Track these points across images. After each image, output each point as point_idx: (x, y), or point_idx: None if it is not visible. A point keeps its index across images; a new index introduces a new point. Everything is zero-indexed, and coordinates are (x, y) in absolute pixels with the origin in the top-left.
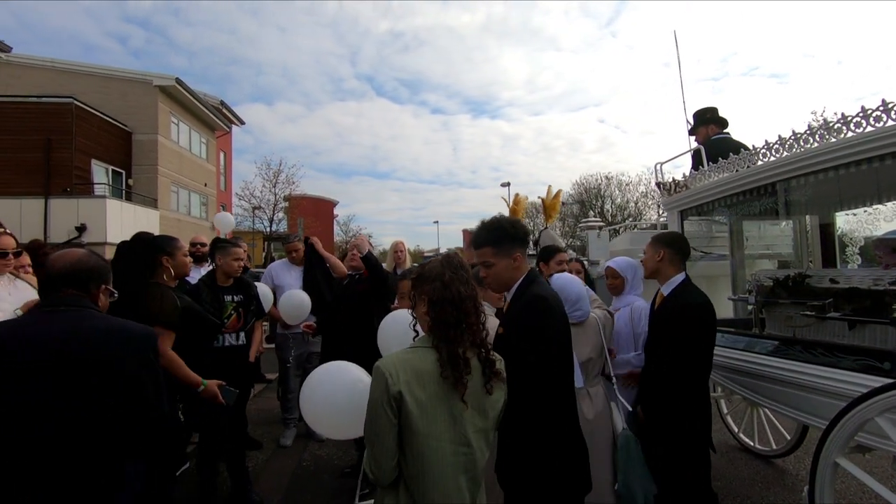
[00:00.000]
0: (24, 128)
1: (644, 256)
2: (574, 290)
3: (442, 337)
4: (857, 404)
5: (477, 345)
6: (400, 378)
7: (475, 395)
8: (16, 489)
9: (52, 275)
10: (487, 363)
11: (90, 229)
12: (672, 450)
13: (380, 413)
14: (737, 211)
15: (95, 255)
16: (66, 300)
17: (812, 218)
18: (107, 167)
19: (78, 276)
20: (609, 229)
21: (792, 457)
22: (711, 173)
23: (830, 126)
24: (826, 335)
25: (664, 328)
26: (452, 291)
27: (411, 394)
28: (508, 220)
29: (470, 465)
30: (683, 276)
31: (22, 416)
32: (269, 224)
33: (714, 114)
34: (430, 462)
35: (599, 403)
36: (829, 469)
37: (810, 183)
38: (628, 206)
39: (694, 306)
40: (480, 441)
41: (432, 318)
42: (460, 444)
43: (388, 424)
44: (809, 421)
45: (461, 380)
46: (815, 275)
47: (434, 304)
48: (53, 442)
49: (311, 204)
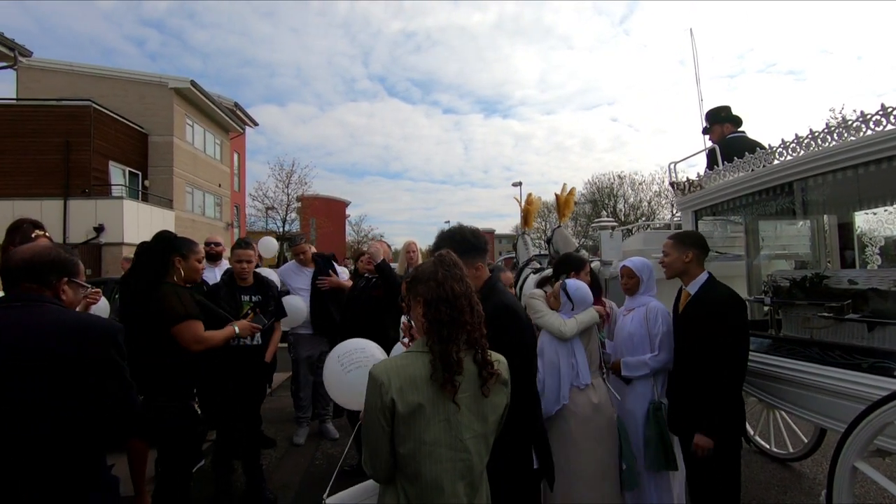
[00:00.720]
0: (45, 130)
1: (666, 258)
2: (581, 293)
3: (436, 337)
4: (876, 408)
5: (472, 344)
6: (392, 385)
7: (472, 397)
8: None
9: (10, 268)
10: (484, 364)
11: (107, 230)
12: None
13: (374, 419)
14: (753, 211)
15: (58, 249)
16: (23, 295)
17: (830, 217)
18: (124, 168)
19: (35, 269)
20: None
21: (809, 460)
22: (726, 173)
23: (849, 124)
24: (844, 337)
25: (697, 325)
26: (446, 289)
27: (404, 400)
28: (470, 230)
29: (467, 471)
30: (707, 274)
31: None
32: (282, 224)
33: (728, 112)
34: (426, 467)
35: (602, 392)
36: (848, 473)
37: (828, 182)
38: (641, 206)
39: (728, 298)
40: (479, 446)
41: (428, 318)
42: (457, 449)
43: (382, 431)
44: (827, 424)
45: (451, 381)
46: (833, 275)
47: (429, 304)
48: (7, 437)
49: (323, 204)
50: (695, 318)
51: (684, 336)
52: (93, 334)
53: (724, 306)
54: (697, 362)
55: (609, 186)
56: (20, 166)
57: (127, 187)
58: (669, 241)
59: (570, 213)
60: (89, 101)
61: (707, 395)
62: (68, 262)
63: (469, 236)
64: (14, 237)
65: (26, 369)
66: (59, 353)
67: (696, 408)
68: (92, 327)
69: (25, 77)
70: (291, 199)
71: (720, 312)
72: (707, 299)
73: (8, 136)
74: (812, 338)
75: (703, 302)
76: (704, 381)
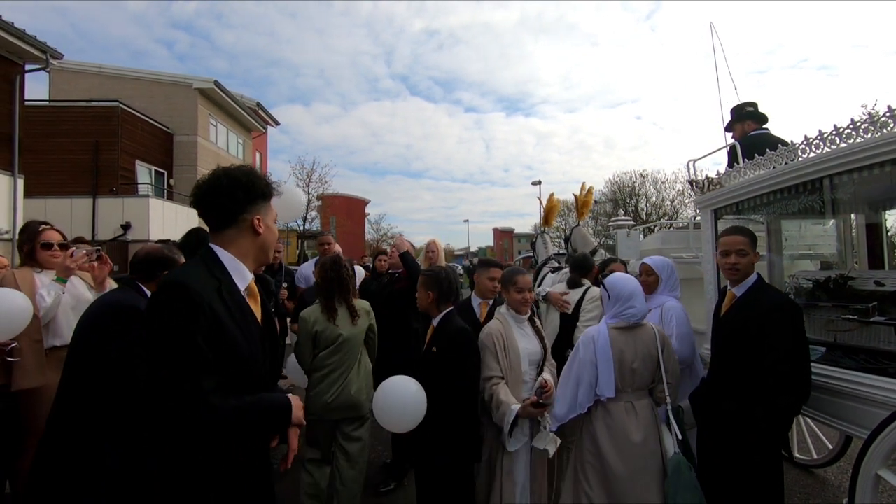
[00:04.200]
0: (75, 131)
1: (743, 258)
2: (627, 288)
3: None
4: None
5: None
6: (314, 322)
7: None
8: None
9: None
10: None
11: (134, 227)
12: (753, 462)
13: (307, 341)
14: (775, 209)
15: (162, 249)
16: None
17: (858, 217)
18: (150, 168)
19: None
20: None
21: (835, 467)
22: (748, 170)
23: (876, 119)
24: (870, 341)
25: (745, 331)
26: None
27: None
28: (445, 271)
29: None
30: (757, 275)
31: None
32: (302, 223)
33: (752, 109)
34: (330, 360)
35: (646, 420)
36: (871, 481)
37: (855, 180)
38: (664, 205)
39: (786, 303)
40: (354, 344)
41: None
42: (339, 352)
43: (309, 348)
44: (850, 430)
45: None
46: (858, 277)
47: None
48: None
49: (343, 203)
50: (744, 323)
51: (727, 342)
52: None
53: (780, 311)
54: (744, 370)
55: (631, 185)
56: (52, 166)
57: (153, 186)
58: (744, 238)
59: (588, 212)
60: (117, 102)
61: (756, 408)
62: (168, 259)
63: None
64: (24, 234)
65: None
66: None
67: (733, 421)
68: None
69: (58, 79)
70: (312, 198)
71: (776, 319)
72: (758, 303)
73: (41, 136)
74: (836, 341)
75: (751, 306)
76: (756, 393)
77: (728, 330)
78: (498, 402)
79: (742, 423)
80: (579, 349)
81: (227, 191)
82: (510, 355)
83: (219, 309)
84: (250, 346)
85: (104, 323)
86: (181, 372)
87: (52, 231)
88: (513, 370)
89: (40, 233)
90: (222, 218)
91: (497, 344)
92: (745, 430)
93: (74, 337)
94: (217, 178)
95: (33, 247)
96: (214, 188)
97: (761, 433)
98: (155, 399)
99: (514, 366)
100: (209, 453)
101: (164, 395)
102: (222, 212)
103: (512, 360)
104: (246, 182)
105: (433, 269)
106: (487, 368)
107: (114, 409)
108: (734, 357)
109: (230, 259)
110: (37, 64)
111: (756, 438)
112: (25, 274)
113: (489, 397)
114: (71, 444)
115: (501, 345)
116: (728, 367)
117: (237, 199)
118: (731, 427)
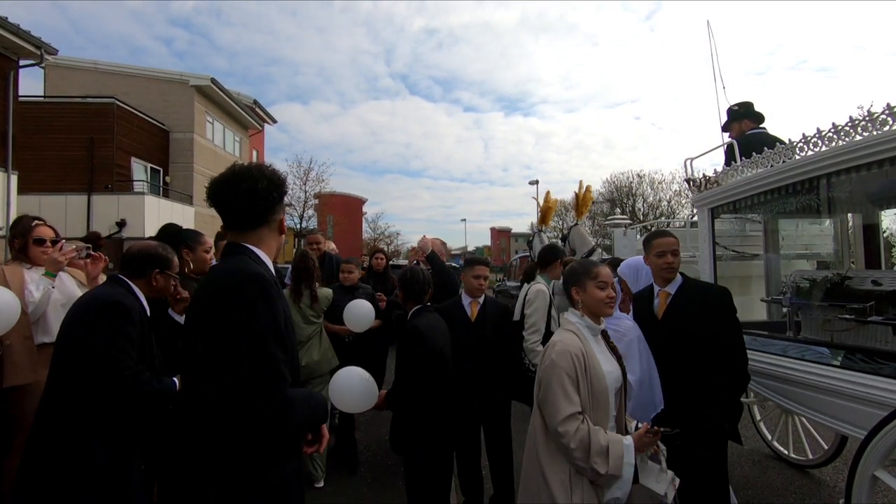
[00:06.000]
0: (70, 127)
1: (677, 259)
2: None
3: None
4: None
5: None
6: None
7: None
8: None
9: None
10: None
11: (129, 225)
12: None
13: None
14: (772, 208)
15: (156, 247)
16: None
17: (855, 216)
18: (145, 165)
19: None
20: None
21: (830, 467)
22: (745, 169)
23: (875, 117)
24: (867, 340)
25: (687, 324)
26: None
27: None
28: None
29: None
30: (682, 277)
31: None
32: (299, 221)
33: (749, 109)
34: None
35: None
36: (868, 482)
37: (853, 179)
38: (661, 205)
39: (721, 289)
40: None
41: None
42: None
43: (286, 330)
44: (846, 430)
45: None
46: (856, 276)
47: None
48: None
49: (341, 201)
50: (686, 319)
51: (671, 341)
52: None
53: (719, 297)
54: (693, 365)
55: (628, 185)
56: (46, 162)
57: (148, 183)
58: (676, 240)
59: (587, 211)
60: (113, 99)
61: (710, 397)
62: (162, 258)
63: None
64: (16, 229)
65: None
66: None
67: (692, 413)
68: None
69: (52, 75)
70: (309, 196)
71: (717, 304)
72: (695, 294)
73: (35, 132)
74: (832, 340)
75: (690, 299)
76: (706, 384)
77: (668, 330)
78: (597, 444)
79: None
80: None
81: (265, 193)
82: (593, 383)
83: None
84: (293, 339)
85: (89, 318)
86: (267, 360)
87: (45, 227)
88: (598, 402)
89: (33, 228)
90: (257, 218)
91: (577, 366)
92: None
93: (61, 331)
94: (253, 180)
95: (25, 242)
96: (253, 190)
97: (720, 406)
98: (225, 388)
99: (600, 397)
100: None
101: (241, 384)
102: (258, 212)
103: (595, 389)
104: (279, 183)
105: (405, 268)
106: (566, 401)
107: (102, 406)
108: (681, 351)
109: (265, 257)
110: (31, 59)
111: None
112: (15, 270)
113: (577, 444)
114: (59, 442)
115: (581, 367)
116: (677, 363)
117: (273, 200)
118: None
